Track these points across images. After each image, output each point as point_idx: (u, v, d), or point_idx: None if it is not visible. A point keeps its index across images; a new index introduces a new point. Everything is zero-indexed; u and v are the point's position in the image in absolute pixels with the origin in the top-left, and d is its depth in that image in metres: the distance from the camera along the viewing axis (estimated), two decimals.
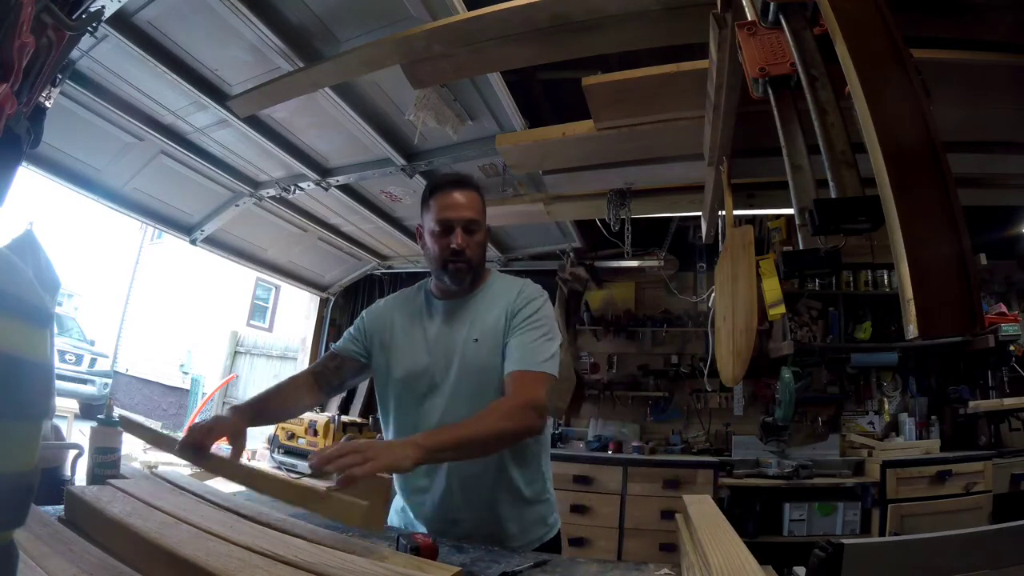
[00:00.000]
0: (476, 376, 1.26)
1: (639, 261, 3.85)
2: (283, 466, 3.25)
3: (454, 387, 1.27)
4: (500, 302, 1.32)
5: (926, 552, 0.75)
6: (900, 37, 0.70)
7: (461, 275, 1.30)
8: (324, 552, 0.78)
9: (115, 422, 1.30)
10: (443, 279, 1.32)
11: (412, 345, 1.32)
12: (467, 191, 1.30)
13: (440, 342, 1.30)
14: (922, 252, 0.59)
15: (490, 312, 1.31)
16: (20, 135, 1.35)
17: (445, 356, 1.28)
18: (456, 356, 1.28)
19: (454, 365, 1.27)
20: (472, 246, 1.29)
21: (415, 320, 1.35)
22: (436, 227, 1.28)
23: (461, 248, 1.27)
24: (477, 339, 1.28)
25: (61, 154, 2.54)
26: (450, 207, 1.28)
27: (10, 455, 0.54)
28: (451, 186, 1.30)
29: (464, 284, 1.32)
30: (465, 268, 1.29)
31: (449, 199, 1.28)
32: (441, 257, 1.28)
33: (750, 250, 1.92)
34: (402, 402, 1.33)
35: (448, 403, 1.26)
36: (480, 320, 1.31)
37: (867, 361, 3.61)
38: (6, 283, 0.55)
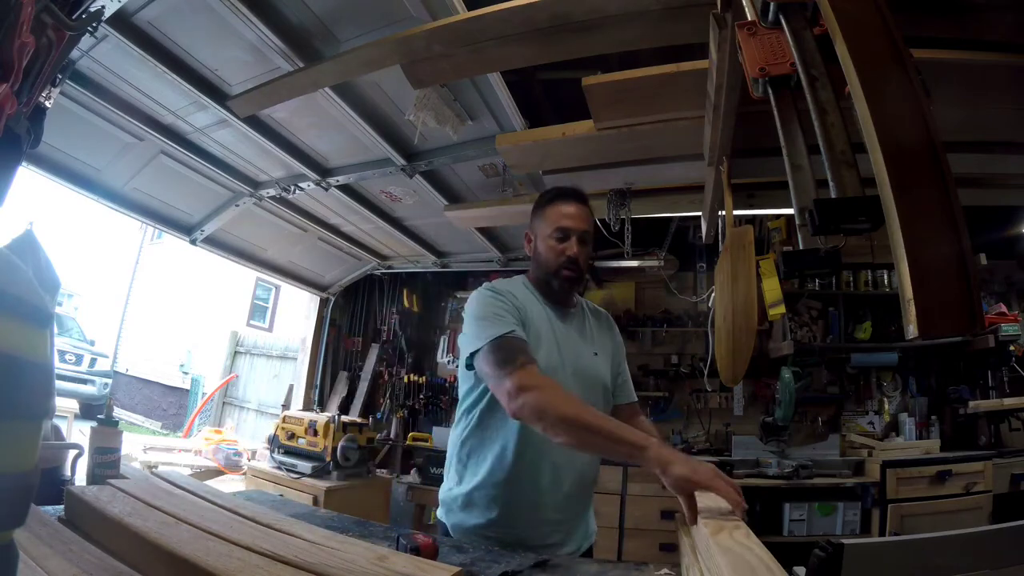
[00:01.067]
0: (589, 384, 1.34)
1: (639, 261, 3.85)
2: (283, 466, 3.24)
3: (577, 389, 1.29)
4: (605, 326, 1.49)
5: (926, 552, 0.75)
6: (900, 37, 0.70)
7: (572, 283, 1.36)
8: (324, 552, 0.78)
9: (115, 422, 1.30)
10: (553, 284, 1.37)
11: (545, 338, 1.32)
12: (585, 206, 1.38)
13: (568, 345, 1.35)
14: (922, 252, 0.59)
15: (601, 333, 1.46)
16: (20, 135, 1.35)
17: (572, 358, 1.34)
18: (581, 362, 1.35)
19: (577, 369, 1.34)
20: (583, 257, 1.35)
21: (542, 315, 1.35)
22: (555, 232, 1.34)
23: (575, 257, 1.32)
24: (597, 353, 1.40)
25: (61, 154, 2.54)
26: (571, 216, 1.34)
27: (10, 455, 0.54)
28: (571, 197, 1.37)
29: (573, 292, 1.42)
30: (576, 277, 1.35)
31: (571, 208, 1.35)
32: (556, 263, 1.34)
33: (750, 250, 1.92)
34: None
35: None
36: (596, 337, 1.43)
37: (867, 361, 3.61)
38: (6, 283, 0.56)
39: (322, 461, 3.11)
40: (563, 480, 1.28)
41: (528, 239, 1.43)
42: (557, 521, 1.28)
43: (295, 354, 5.78)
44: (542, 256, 1.36)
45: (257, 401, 8.72)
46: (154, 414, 10.25)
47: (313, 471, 3.10)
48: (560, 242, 1.33)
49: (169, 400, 10.35)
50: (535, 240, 1.40)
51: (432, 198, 3.11)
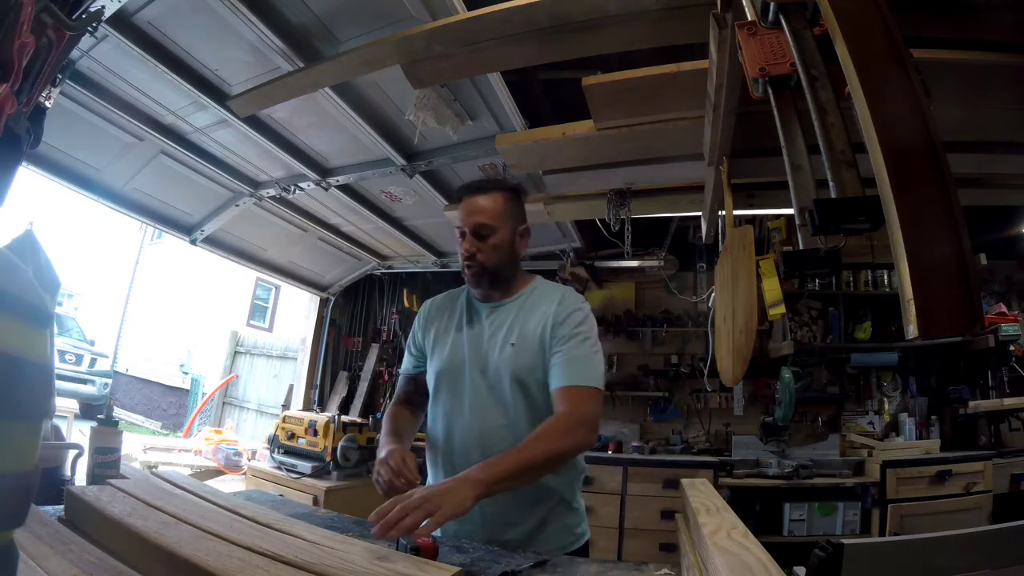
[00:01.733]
0: (510, 381, 1.27)
1: (639, 261, 3.85)
2: (283, 466, 3.24)
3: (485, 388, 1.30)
4: (540, 308, 1.32)
5: (926, 552, 0.75)
6: (900, 37, 0.70)
7: (476, 279, 1.33)
8: (324, 552, 0.78)
9: (115, 422, 1.30)
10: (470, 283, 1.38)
11: (451, 345, 1.36)
12: (488, 194, 1.33)
13: (477, 344, 1.33)
14: (922, 252, 0.59)
15: (530, 318, 1.32)
16: (20, 135, 1.35)
17: (480, 359, 1.31)
18: (491, 358, 1.30)
19: (488, 367, 1.30)
20: (485, 250, 1.30)
21: (454, 320, 1.40)
22: (456, 234, 1.35)
23: (470, 253, 1.30)
24: (514, 343, 1.29)
25: (61, 154, 2.54)
26: (464, 212, 1.33)
27: (10, 455, 0.54)
28: (471, 191, 1.35)
29: (483, 287, 1.36)
30: (479, 272, 1.31)
31: (465, 204, 1.33)
32: (462, 264, 1.34)
33: (750, 250, 1.92)
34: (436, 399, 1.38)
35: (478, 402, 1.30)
36: (520, 325, 1.31)
37: (867, 361, 3.61)
38: (6, 283, 0.56)
39: (322, 461, 3.12)
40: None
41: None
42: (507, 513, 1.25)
43: (295, 354, 5.78)
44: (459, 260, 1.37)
45: (257, 401, 8.72)
46: (154, 414, 10.25)
47: (313, 471, 3.10)
48: (460, 242, 1.33)
49: (169, 400, 10.36)
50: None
51: (432, 198, 3.11)
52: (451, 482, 0.99)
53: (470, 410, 1.30)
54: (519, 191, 1.43)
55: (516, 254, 1.37)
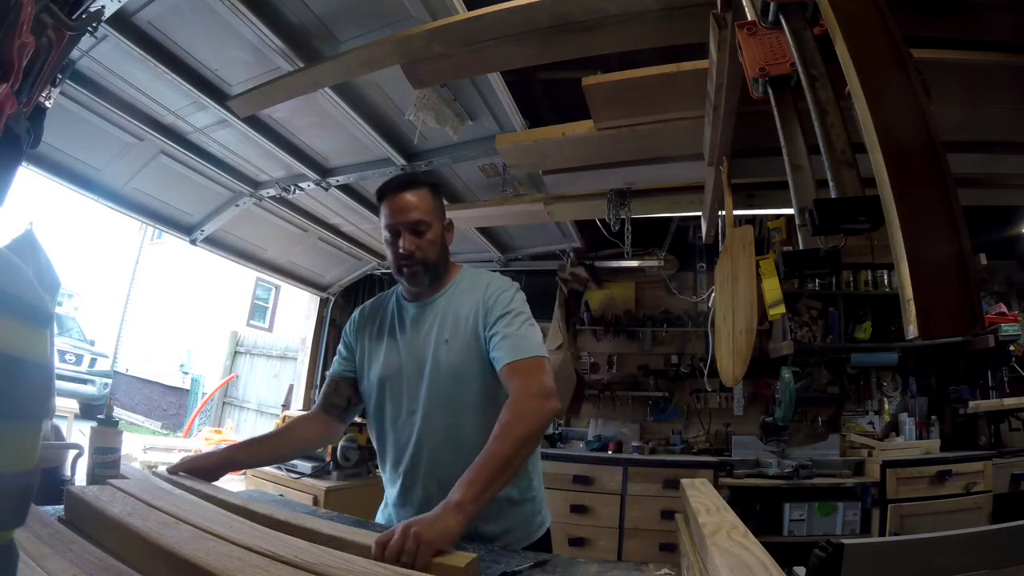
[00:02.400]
0: (450, 378, 1.25)
1: (639, 261, 3.85)
2: (283, 466, 3.25)
3: (429, 391, 1.25)
4: (468, 298, 1.30)
5: (926, 552, 0.75)
6: (900, 37, 0.70)
7: (417, 277, 1.29)
8: (324, 552, 0.78)
9: (115, 422, 1.30)
10: (403, 283, 1.34)
11: (385, 351, 1.33)
12: (415, 190, 1.28)
13: (412, 346, 1.30)
14: (922, 252, 0.59)
15: (460, 310, 1.29)
16: (20, 135, 1.35)
17: (417, 360, 1.28)
18: (428, 359, 1.26)
19: (427, 368, 1.26)
20: (423, 247, 1.27)
21: (386, 325, 1.37)
22: (387, 233, 1.29)
23: (410, 251, 1.26)
24: (448, 340, 1.26)
25: (61, 154, 2.54)
26: (395, 211, 1.27)
27: (10, 455, 0.54)
28: (396, 189, 1.29)
29: (423, 285, 1.32)
30: (420, 270, 1.28)
31: (394, 203, 1.27)
32: (395, 262, 1.29)
33: (750, 250, 1.92)
34: (380, 408, 1.33)
35: (425, 407, 1.26)
36: (450, 319, 1.28)
37: (867, 361, 3.61)
38: (6, 283, 0.56)
39: (322, 461, 3.11)
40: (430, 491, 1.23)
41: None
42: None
43: (295, 354, 5.78)
44: (389, 259, 1.32)
45: (257, 401, 8.73)
46: (154, 414, 10.25)
47: (313, 471, 3.10)
48: (393, 241, 1.28)
49: (169, 400, 10.36)
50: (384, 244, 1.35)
51: None
52: (433, 513, 0.92)
53: (415, 413, 1.27)
54: (439, 186, 1.42)
55: (447, 247, 1.35)
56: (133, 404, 10.52)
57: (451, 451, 1.22)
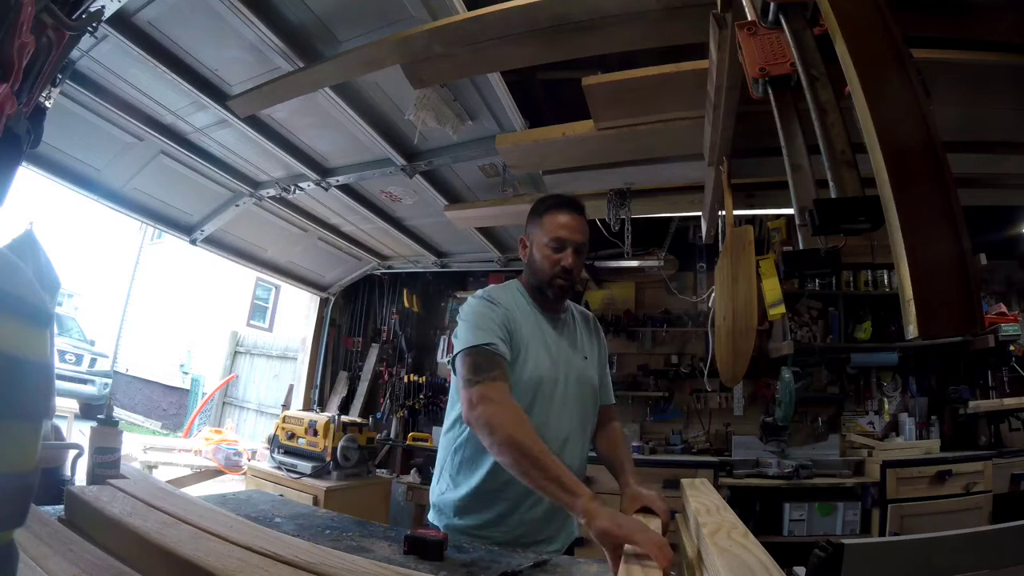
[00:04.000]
0: (581, 387, 1.39)
1: (639, 261, 3.85)
2: (283, 466, 3.24)
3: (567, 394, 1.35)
4: (591, 329, 1.52)
5: (926, 552, 0.75)
6: (900, 37, 0.70)
7: (564, 293, 1.38)
8: (324, 552, 0.78)
9: (115, 422, 1.30)
10: (546, 293, 1.38)
11: (539, 349, 1.34)
12: (581, 216, 1.37)
13: (560, 352, 1.38)
14: (922, 252, 0.59)
15: (585, 335, 1.48)
16: (20, 135, 1.35)
17: (565, 366, 1.37)
18: (573, 368, 1.38)
19: (572, 376, 1.37)
20: (578, 268, 1.36)
21: (534, 325, 1.37)
22: (551, 242, 1.33)
23: (571, 268, 1.33)
24: (587, 357, 1.44)
25: (61, 154, 2.54)
26: (569, 227, 1.33)
27: (10, 455, 0.54)
28: (570, 207, 1.37)
29: (562, 302, 1.43)
30: (569, 287, 1.37)
31: (569, 219, 1.34)
32: (550, 272, 1.34)
33: (750, 250, 1.92)
34: (534, 400, 1.31)
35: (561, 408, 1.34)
36: (582, 341, 1.46)
37: (867, 361, 3.61)
38: (6, 283, 0.56)
39: (322, 461, 3.11)
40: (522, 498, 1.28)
41: (523, 244, 1.42)
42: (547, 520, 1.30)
43: (295, 354, 5.77)
44: (537, 264, 1.36)
45: (257, 401, 8.72)
46: (154, 414, 10.25)
47: (313, 471, 3.10)
48: (556, 252, 1.32)
49: (169, 400, 10.35)
50: (530, 247, 1.39)
51: (432, 198, 3.11)
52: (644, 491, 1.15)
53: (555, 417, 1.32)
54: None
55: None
56: (133, 404, 10.52)
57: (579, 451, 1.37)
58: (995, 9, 1.43)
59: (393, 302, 4.95)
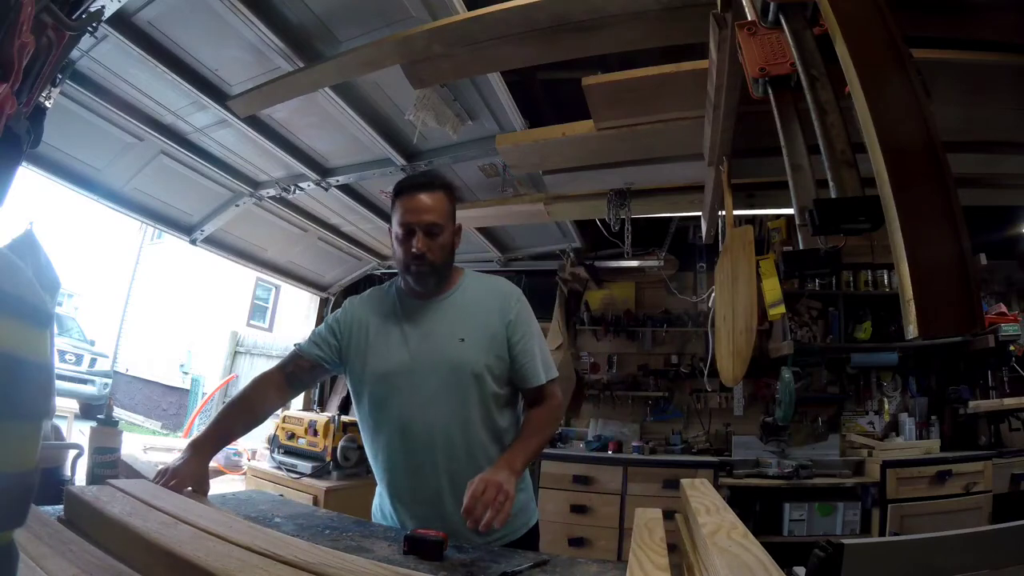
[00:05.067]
0: (455, 375, 1.29)
1: (639, 261, 3.85)
2: (283, 466, 3.24)
3: (444, 385, 1.29)
4: (487, 305, 1.37)
5: (926, 552, 0.75)
6: (900, 37, 0.70)
7: (424, 278, 1.32)
8: (324, 552, 0.78)
9: (115, 422, 1.30)
10: (408, 281, 1.36)
11: (389, 344, 1.34)
12: (432, 193, 1.30)
13: (421, 341, 1.32)
14: (922, 252, 0.59)
15: (477, 314, 1.35)
16: (20, 135, 1.35)
17: (427, 354, 1.31)
18: (440, 354, 1.30)
19: (439, 363, 1.30)
20: (435, 249, 1.30)
21: (389, 320, 1.37)
22: (399, 231, 1.30)
23: (422, 252, 1.28)
24: (463, 338, 1.31)
25: (61, 154, 2.54)
26: (411, 210, 1.28)
27: (10, 455, 0.54)
28: (414, 189, 1.30)
29: (428, 287, 1.35)
30: (428, 271, 1.31)
31: (411, 202, 1.29)
32: (404, 260, 1.31)
33: (750, 250, 1.92)
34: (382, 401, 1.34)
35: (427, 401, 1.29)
36: (466, 320, 1.34)
37: (867, 361, 3.61)
38: (6, 283, 0.55)
39: (322, 461, 3.11)
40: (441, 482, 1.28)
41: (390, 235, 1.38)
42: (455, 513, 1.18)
43: None
44: (395, 254, 1.34)
45: None
46: (154, 414, 10.25)
47: (313, 471, 3.10)
48: (406, 239, 1.29)
49: (169, 400, 10.36)
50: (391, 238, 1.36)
51: None
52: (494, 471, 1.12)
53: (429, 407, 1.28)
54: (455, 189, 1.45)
55: (454, 252, 1.40)
56: (133, 404, 10.52)
57: (463, 444, 1.29)
58: (995, 9, 1.43)
59: None
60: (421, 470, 1.29)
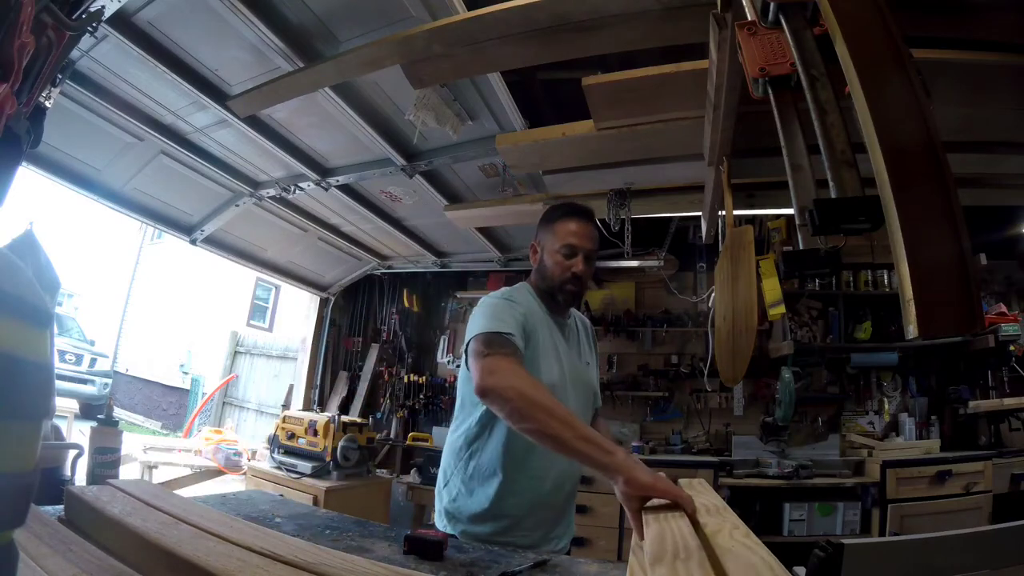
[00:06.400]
0: (584, 392, 1.43)
1: (639, 261, 3.85)
2: (283, 466, 3.24)
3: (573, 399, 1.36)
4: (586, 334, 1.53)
5: (926, 552, 0.75)
6: (900, 37, 0.70)
7: (574, 298, 1.41)
8: (324, 552, 0.78)
9: (115, 422, 1.30)
10: (556, 298, 1.40)
11: (550, 355, 1.36)
12: (592, 224, 1.41)
13: (569, 359, 1.40)
14: (922, 252, 0.59)
15: (585, 342, 1.51)
16: (20, 135, 1.35)
17: (572, 372, 1.39)
18: (579, 374, 1.41)
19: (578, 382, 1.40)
20: (587, 275, 1.40)
21: (547, 330, 1.38)
22: (562, 249, 1.37)
23: (581, 274, 1.37)
24: (589, 363, 1.48)
25: (61, 154, 2.54)
26: (578, 234, 1.37)
27: (10, 455, 0.54)
28: (581, 215, 1.41)
29: (573, 306, 1.47)
30: (579, 293, 1.41)
31: (583, 227, 1.39)
32: (560, 278, 1.37)
33: (750, 250, 1.92)
34: None
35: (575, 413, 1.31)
36: (584, 346, 1.49)
37: (867, 361, 3.61)
38: (6, 283, 0.56)
39: (322, 461, 3.11)
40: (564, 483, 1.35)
41: (534, 250, 1.45)
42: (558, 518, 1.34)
43: (295, 354, 5.77)
44: (548, 269, 1.39)
45: (257, 401, 8.71)
46: (154, 414, 10.25)
47: (313, 471, 3.10)
48: (567, 258, 1.36)
49: (169, 400, 10.35)
50: (541, 252, 1.42)
51: (432, 198, 3.11)
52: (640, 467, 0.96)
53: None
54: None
55: None
56: (133, 404, 10.51)
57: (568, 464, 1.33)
58: (995, 9, 1.43)
59: (393, 302, 4.95)
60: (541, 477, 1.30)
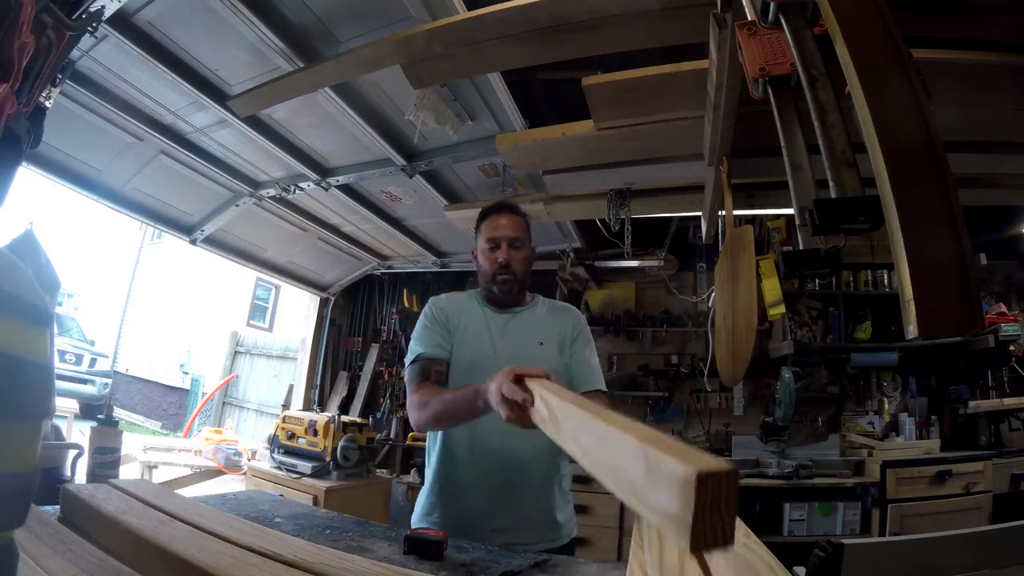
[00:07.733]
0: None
1: (639, 261, 3.85)
2: (283, 466, 3.24)
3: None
4: (558, 319, 1.54)
5: (926, 552, 0.75)
6: (900, 37, 0.70)
7: (508, 285, 1.46)
8: (324, 552, 0.78)
9: (115, 422, 1.30)
10: (492, 290, 1.49)
11: (479, 339, 1.46)
12: (513, 214, 1.50)
13: (505, 340, 1.46)
14: (922, 252, 0.59)
15: (550, 325, 1.52)
16: (20, 135, 1.35)
17: (510, 350, 1.43)
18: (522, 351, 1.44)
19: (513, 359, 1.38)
20: (517, 260, 1.46)
21: (478, 320, 1.50)
22: (486, 245, 1.47)
23: (507, 261, 1.44)
24: (542, 343, 1.48)
25: (61, 154, 2.54)
26: (498, 226, 1.47)
27: (10, 455, 0.54)
28: (499, 210, 1.51)
29: (510, 295, 1.49)
30: (512, 279, 1.46)
31: (498, 220, 1.48)
32: (491, 271, 1.46)
33: (750, 250, 1.92)
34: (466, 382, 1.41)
35: None
36: (542, 329, 1.50)
37: (867, 361, 3.61)
38: (6, 283, 0.56)
39: (322, 461, 3.11)
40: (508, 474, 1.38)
41: (474, 256, 1.55)
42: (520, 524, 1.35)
43: (295, 354, 5.77)
44: (481, 268, 1.49)
45: (257, 401, 8.72)
46: (154, 414, 10.25)
47: (313, 471, 3.10)
48: (492, 251, 1.46)
49: (169, 400, 10.35)
50: (476, 255, 1.53)
51: (432, 198, 3.11)
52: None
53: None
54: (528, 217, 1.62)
55: (531, 270, 1.54)
56: (133, 404, 10.51)
57: (527, 440, 1.33)
58: (995, 9, 1.43)
59: (393, 302, 4.95)
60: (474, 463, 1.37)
